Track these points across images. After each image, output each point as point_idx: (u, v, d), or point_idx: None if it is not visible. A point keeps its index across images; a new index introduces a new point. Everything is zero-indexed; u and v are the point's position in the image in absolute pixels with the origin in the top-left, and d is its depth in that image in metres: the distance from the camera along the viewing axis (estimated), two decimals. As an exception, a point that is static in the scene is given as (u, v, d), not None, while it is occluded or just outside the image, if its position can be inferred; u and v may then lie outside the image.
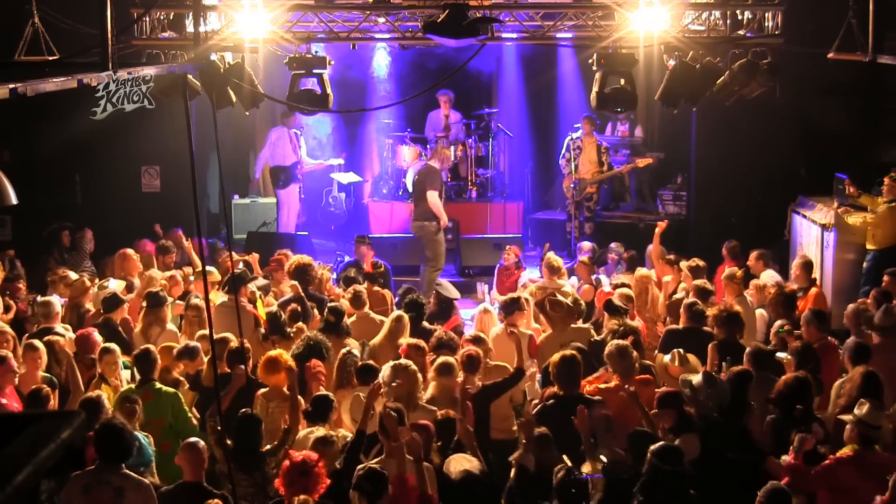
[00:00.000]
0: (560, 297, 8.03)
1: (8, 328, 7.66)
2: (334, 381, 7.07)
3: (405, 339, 7.47)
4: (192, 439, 5.72)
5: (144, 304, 8.25)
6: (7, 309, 8.66)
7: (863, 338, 7.52)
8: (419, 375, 6.51)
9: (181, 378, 7.26)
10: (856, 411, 5.59)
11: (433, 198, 11.63)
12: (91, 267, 10.47)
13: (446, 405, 6.32)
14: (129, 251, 9.93)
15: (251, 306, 8.31)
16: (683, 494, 5.24)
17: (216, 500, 5.22)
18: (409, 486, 5.23)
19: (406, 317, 8.02)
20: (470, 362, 6.86)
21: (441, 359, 6.74)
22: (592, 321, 8.61)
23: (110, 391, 6.86)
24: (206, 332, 7.77)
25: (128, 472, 5.39)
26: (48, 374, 7.00)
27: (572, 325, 7.87)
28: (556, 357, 6.50)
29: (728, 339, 7.42)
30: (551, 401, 6.33)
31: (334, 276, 10.21)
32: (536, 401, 6.83)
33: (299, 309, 8.25)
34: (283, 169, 13.42)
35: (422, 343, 7.28)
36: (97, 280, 9.52)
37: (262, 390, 6.70)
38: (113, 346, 7.22)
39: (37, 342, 7.14)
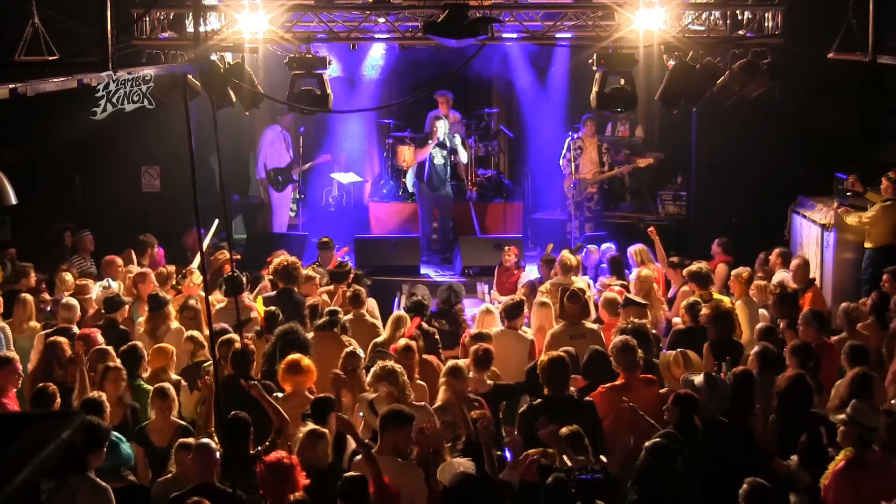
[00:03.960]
0: (578, 292, 8.06)
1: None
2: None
3: (403, 340, 7.48)
4: (205, 440, 5.69)
5: (146, 307, 8.24)
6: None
7: (856, 337, 7.53)
8: (405, 377, 6.54)
9: (180, 378, 7.25)
10: (851, 413, 5.58)
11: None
12: (91, 268, 10.46)
13: (457, 409, 6.31)
14: (118, 259, 9.81)
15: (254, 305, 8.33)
16: (676, 492, 5.24)
17: (196, 498, 5.20)
18: (389, 488, 5.25)
19: (406, 317, 8.04)
20: (485, 357, 6.89)
21: (450, 362, 6.70)
22: (593, 320, 8.63)
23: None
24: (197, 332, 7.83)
25: (89, 475, 5.32)
26: (181, 421, 6.55)
27: (585, 324, 7.91)
28: (544, 357, 6.51)
29: (723, 336, 7.43)
30: (538, 401, 6.33)
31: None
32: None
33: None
34: (280, 171, 13.41)
35: (412, 344, 7.29)
36: (95, 281, 9.47)
37: (280, 394, 6.63)
38: (109, 348, 7.22)
39: (171, 390, 6.56)
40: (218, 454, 5.52)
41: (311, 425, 5.82)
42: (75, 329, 7.98)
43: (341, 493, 5.07)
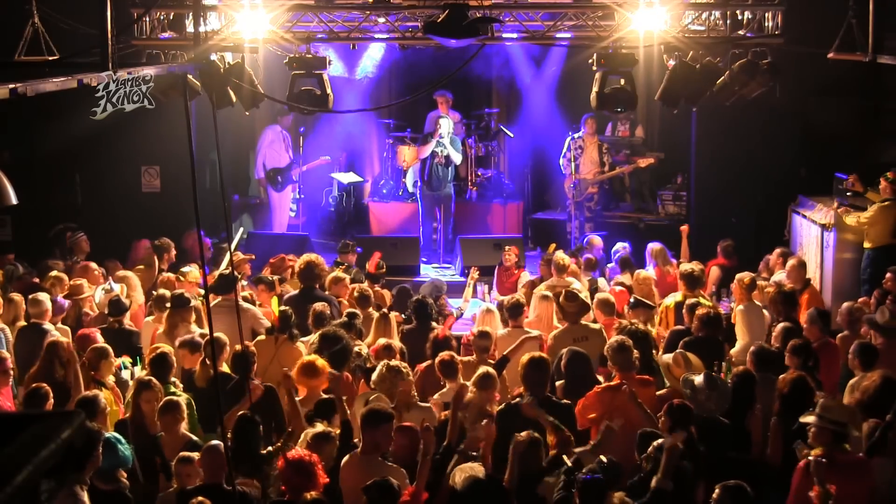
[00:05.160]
0: (574, 291, 8.06)
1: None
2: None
3: (385, 339, 7.51)
4: (213, 442, 5.67)
5: (168, 305, 8.22)
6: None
7: (858, 337, 7.52)
8: (410, 376, 6.55)
9: (174, 380, 7.23)
10: (820, 412, 5.58)
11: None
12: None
13: (475, 416, 6.31)
14: (92, 265, 9.63)
15: (247, 304, 8.33)
16: (684, 487, 5.26)
17: (200, 498, 5.21)
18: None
19: (392, 315, 8.06)
20: (446, 367, 6.92)
21: (483, 369, 6.69)
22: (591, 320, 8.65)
23: (107, 393, 6.84)
24: (201, 332, 7.81)
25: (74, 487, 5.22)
26: (191, 435, 6.33)
27: (583, 322, 7.90)
28: (524, 358, 6.50)
29: (708, 336, 7.45)
30: (517, 400, 6.33)
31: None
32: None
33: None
34: (279, 171, 13.42)
35: (393, 343, 7.32)
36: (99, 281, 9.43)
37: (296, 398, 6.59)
38: (108, 348, 7.21)
39: (180, 404, 6.30)
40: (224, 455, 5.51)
41: (319, 427, 5.82)
42: (46, 325, 7.94)
43: (366, 489, 5.06)
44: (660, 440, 5.46)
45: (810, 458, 5.37)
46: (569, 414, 6.24)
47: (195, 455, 5.66)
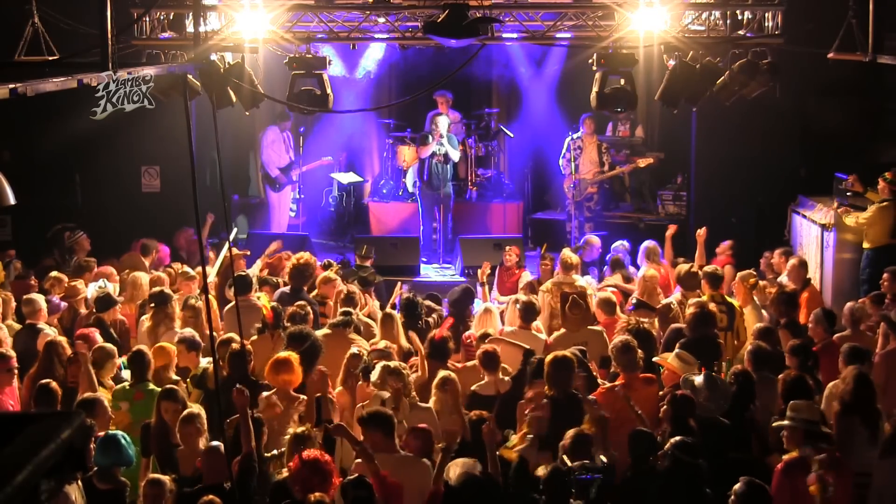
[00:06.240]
0: (580, 300, 8.04)
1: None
2: (340, 379, 7.06)
3: (385, 342, 7.49)
4: (214, 443, 5.65)
5: (152, 304, 8.22)
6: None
7: (860, 337, 7.52)
8: (409, 376, 6.57)
9: (178, 378, 7.24)
10: (791, 413, 5.56)
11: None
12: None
13: (446, 417, 6.33)
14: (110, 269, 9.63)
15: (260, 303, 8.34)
16: (699, 487, 5.29)
17: (210, 496, 5.20)
18: (389, 481, 5.25)
19: (395, 315, 8.05)
20: (488, 359, 6.90)
21: (443, 373, 6.68)
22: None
23: (106, 392, 6.84)
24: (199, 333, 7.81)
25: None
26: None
27: (588, 328, 7.89)
28: (549, 357, 6.51)
29: (701, 336, 7.42)
30: (544, 401, 6.33)
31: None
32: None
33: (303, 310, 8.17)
34: (279, 170, 13.42)
35: (390, 344, 7.35)
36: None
37: (267, 393, 6.61)
38: (111, 347, 7.20)
39: (200, 415, 6.12)
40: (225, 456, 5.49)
41: (295, 428, 5.80)
42: (40, 325, 7.95)
43: (353, 499, 5.06)
44: (676, 437, 5.47)
45: (786, 459, 5.40)
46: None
47: (165, 478, 5.53)
